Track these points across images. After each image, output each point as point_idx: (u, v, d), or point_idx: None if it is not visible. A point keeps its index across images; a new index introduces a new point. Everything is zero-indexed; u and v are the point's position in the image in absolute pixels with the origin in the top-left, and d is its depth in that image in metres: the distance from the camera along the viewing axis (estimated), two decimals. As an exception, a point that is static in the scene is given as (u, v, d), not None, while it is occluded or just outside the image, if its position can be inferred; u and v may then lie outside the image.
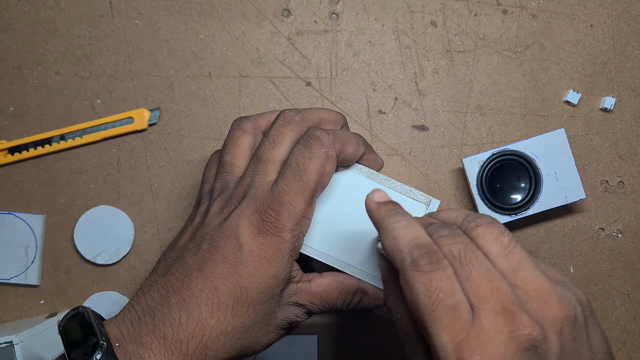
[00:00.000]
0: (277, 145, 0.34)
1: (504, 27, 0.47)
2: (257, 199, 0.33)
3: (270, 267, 0.32)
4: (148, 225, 0.47)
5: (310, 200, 0.33)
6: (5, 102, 0.47)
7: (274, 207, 0.32)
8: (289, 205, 0.32)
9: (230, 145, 0.36)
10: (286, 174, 0.33)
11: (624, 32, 0.47)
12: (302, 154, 0.33)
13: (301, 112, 0.35)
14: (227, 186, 0.35)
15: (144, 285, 0.33)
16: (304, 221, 0.33)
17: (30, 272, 0.46)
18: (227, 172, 0.35)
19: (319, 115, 0.36)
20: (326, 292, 0.36)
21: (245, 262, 0.32)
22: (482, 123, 0.47)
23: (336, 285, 0.36)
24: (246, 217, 0.32)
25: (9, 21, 0.47)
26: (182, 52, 0.47)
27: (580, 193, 0.43)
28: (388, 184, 0.37)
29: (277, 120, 0.35)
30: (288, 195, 0.32)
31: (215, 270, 0.32)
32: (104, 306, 0.46)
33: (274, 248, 0.32)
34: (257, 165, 0.34)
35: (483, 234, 0.27)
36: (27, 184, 0.47)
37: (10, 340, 0.40)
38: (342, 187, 0.37)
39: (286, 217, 0.32)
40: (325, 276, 0.36)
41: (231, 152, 0.35)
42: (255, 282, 0.32)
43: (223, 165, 0.35)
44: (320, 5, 0.47)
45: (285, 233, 0.32)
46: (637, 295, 0.47)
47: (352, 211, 0.37)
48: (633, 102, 0.47)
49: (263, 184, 0.33)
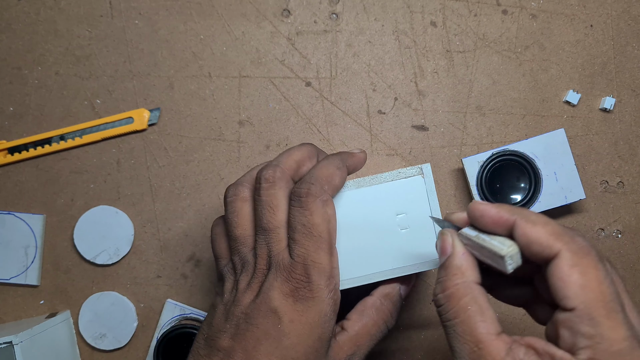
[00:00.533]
0: (275, 209, 0.34)
1: (503, 27, 0.47)
2: (282, 269, 0.33)
3: (313, 331, 0.32)
4: (148, 225, 0.47)
5: (330, 250, 0.33)
6: (5, 102, 0.47)
7: (301, 272, 0.32)
8: (314, 264, 0.32)
9: (235, 219, 0.35)
10: (297, 238, 0.33)
11: (624, 32, 0.47)
12: (301, 213, 0.33)
13: (278, 166, 0.35)
14: (246, 259, 0.34)
15: None
16: (334, 272, 0.33)
17: (30, 272, 0.46)
18: (241, 244, 0.35)
19: (293, 159, 0.36)
20: (365, 327, 0.36)
21: (288, 333, 0.32)
22: (482, 123, 0.47)
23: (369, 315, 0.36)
24: (277, 289, 0.32)
25: (9, 21, 0.47)
26: (182, 52, 0.47)
27: (580, 193, 0.43)
28: (378, 180, 0.37)
29: (261, 185, 0.34)
30: (309, 256, 0.32)
31: (260, 348, 0.31)
32: (104, 306, 0.46)
33: (315, 310, 0.32)
34: (267, 236, 0.34)
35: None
36: (27, 184, 0.47)
37: (10, 340, 0.40)
38: (342, 210, 0.37)
39: (317, 276, 0.32)
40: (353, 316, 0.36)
41: (240, 225, 0.35)
42: (300, 351, 0.32)
43: (236, 239, 0.35)
44: (320, 5, 0.47)
45: (322, 292, 0.32)
46: (637, 295, 0.46)
47: (362, 225, 0.37)
48: (633, 102, 0.47)
49: (280, 251, 0.33)
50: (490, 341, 0.27)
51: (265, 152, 0.47)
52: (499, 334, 0.28)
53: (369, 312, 0.36)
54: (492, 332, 0.27)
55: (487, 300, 0.29)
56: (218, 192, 0.47)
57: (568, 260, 0.27)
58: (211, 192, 0.47)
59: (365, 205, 0.37)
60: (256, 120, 0.47)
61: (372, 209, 0.37)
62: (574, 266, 0.26)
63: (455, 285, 0.29)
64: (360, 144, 0.47)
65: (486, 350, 0.27)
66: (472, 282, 0.29)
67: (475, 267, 0.30)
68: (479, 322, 0.28)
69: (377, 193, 0.37)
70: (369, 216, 0.37)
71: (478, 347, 0.27)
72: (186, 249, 0.47)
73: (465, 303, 0.28)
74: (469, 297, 0.29)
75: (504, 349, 0.27)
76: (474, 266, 0.30)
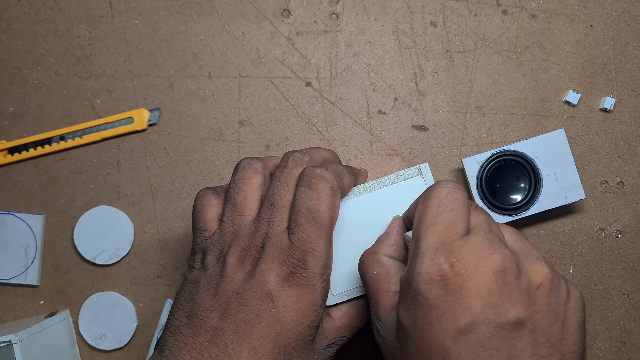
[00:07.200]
0: (290, 189, 0.33)
1: (503, 28, 0.47)
2: (280, 250, 0.32)
3: (305, 318, 0.32)
4: (148, 225, 0.47)
5: (329, 239, 0.33)
6: (5, 102, 0.47)
7: (299, 257, 0.32)
8: (313, 251, 0.32)
9: (242, 185, 0.34)
10: (300, 221, 0.32)
11: (624, 32, 0.47)
12: (309, 196, 0.32)
13: (308, 154, 0.35)
14: (240, 232, 0.33)
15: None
16: (329, 262, 0.33)
17: (30, 272, 0.46)
18: (238, 214, 0.34)
19: (321, 156, 0.36)
20: (350, 321, 0.36)
21: (281, 319, 0.31)
22: (481, 123, 0.47)
23: (356, 309, 0.36)
24: (274, 271, 0.32)
25: (9, 21, 0.47)
26: (182, 52, 0.47)
27: (580, 193, 0.43)
28: (378, 185, 0.38)
29: (288, 163, 0.34)
30: (309, 242, 0.32)
31: (252, 331, 0.31)
32: (104, 306, 0.46)
33: (308, 298, 0.32)
34: (272, 212, 0.33)
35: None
36: (27, 184, 0.47)
37: (9, 339, 0.40)
38: (344, 218, 0.37)
39: (314, 264, 0.32)
40: (341, 304, 0.37)
41: (243, 192, 0.34)
42: (292, 337, 0.32)
43: (235, 206, 0.34)
44: (320, 5, 0.47)
45: (316, 280, 0.32)
46: (637, 296, 0.46)
47: (364, 232, 0.37)
48: (633, 103, 0.47)
49: (280, 232, 0.33)
50: (387, 297, 0.30)
51: (265, 152, 0.47)
52: (396, 292, 0.30)
53: (360, 306, 0.37)
54: (390, 290, 0.31)
55: (397, 266, 0.32)
56: (218, 192, 0.47)
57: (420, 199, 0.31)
58: (211, 192, 0.47)
59: (367, 211, 0.37)
60: (256, 120, 0.47)
61: (375, 214, 0.37)
62: (422, 201, 0.30)
63: (366, 255, 0.33)
64: (360, 144, 0.47)
65: (380, 302, 0.31)
66: (381, 253, 0.33)
67: (391, 245, 0.34)
68: (382, 283, 0.31)
69: (379, 198, 0.38)
70: (372, 222, 0.37)
71: (377, 302, 0.31)
72: (186, 249, 0.47)
73: (372, 269, 0.32)
74: (376, 264, 0.32)
75: (394, 300, 0.30)
76: (391, 244, 0.34)
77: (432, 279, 0.27)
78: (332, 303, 0.37)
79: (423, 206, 0.30)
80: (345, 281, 0.37)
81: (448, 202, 0.29)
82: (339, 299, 0.37)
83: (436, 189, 0.30)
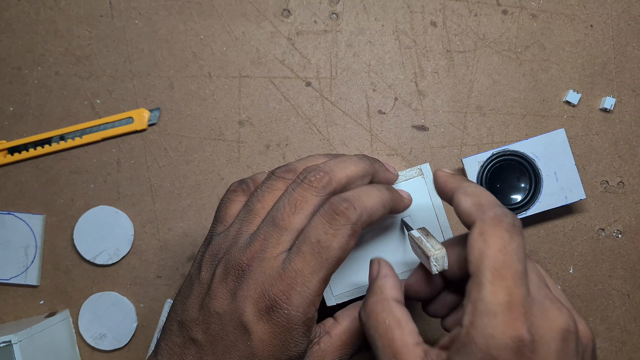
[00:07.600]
0: (298, 210, 0.30)
1: (504, 28, 0.47)
2: (265, 277, 0.29)
3: (285, 352, 0.30)
4: (148, 225, 0.47)
5: (326, 278, 0.30)
6: (5, 102, 0.47)
7: (283, 289, 0.29)
8: (302, 286, 0.29)
9: (266, 194, 0.32)
10: (303, 249, 0.29)
11: (624, 32, 0.47)
12: (324, 229, 0.29)
13: (329, 174, 0.31)
14: (238, 240, 0.31)
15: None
16: (317, 300, 0.30)
17: (30, 272, 0.46)
18: (247, 222, 0.32)
19: (346, 174, 0.32)
20: (352, 337, 0.33)
21: (256, 353, 0.29)
22: (482, 123, 0.47)
23: (358, 324, 0.33)
24: (252, 301, 0.29)
25: (9, 21, 0.47)
26: (182, 52, 0.47)
27: (580, 193, 0.43)
28: None
29: (303, 181, 0.31)
30: (302, 276, 0.29)
31: (228, 357, 0.30)
32: (104, 306, 0.46)
33: (286, 336, 0.29)
34: (270, 231, 0.30)
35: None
36: (27, 184, 0.47)
37: (9, 339, 0.40)
38: None
39: (298, 302, 0.29)
40: (341, 320, 0.34)
41: (262, 201, 0.32)
42: None
43: (248, 212, 0.32)
44: (320, 5, 0.47)
45: (297, 319, 0.29)
46: (637, 296, 0.46)
47: (367, 236, 0.37)
48: (633, 103, 0.47)
49: (272, 256, 0.30)
50: (407, 350, 0.27)
51: (265, 152, 0.47)
52: (417, 344, 0.28)
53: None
54: (409, 343, 0.28)
55: (406, 314, 0.29)
56: (218, 192, 0.47)
57: (478, 228, 0.27)
58: (211, 192, 0.47)
59: None
60: (256, 120, 0.47)
61: None
62: (481, 234, 0.27)
63: (374, 303, 0.30)
64: (361, 143, 0.47)
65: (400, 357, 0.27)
66: (391, 299, 0.30)
67: (395, 287, 0.31)
68: (396, 334, 0.28)
69: None
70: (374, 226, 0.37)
71: (396, 357, 0.28)
72: (186, 249, 0.47)
73: (383, 318, 0.29)
74: (387, 312, 0.29)
75: (420, 356, 0.27)
76: (395, 286, 0.31)
77: (507, 344, 0.24)
78: (332, 304, 0.37)
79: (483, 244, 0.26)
80: (346, 281, 0.37)
81: (512, 249, 0.26)
82: (340, 300, 0.37)
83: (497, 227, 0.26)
